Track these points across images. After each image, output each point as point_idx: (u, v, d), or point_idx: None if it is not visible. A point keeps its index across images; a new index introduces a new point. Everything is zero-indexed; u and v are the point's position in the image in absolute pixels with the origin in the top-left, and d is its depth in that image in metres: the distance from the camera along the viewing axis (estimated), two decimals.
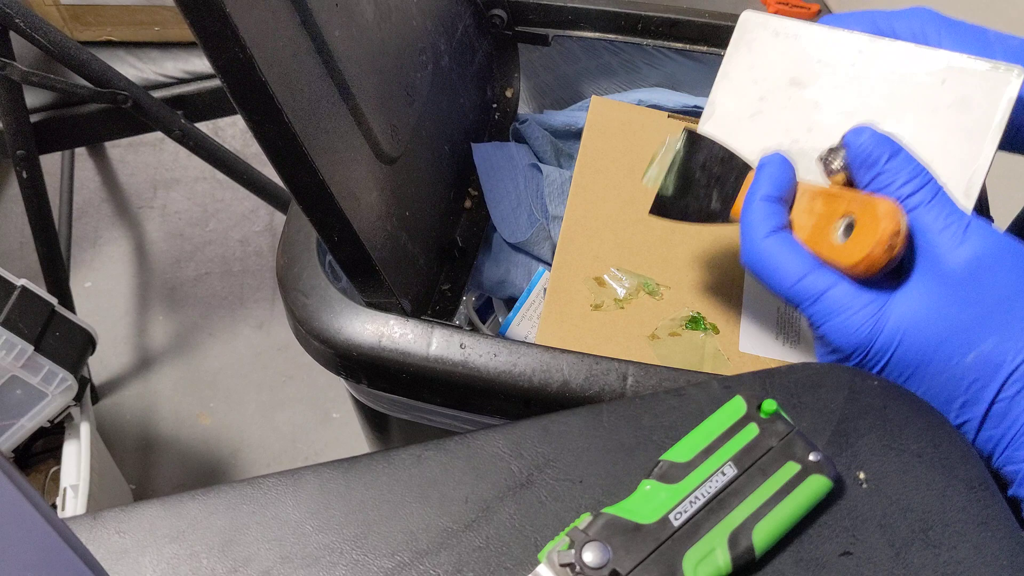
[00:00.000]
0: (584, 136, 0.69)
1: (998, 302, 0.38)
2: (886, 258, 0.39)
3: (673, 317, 0.60)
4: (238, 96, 0.41)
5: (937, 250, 0.39)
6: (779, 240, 0.43)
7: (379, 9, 0.55)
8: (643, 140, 0.70)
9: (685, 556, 0.32)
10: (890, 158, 0.41)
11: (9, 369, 0.81)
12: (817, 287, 0.42)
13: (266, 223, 1.47)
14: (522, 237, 0.67)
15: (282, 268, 0.56)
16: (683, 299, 0.60)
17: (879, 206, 0.40)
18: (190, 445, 1.24)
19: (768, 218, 0.44)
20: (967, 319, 0.39)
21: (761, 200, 0.44)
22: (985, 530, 0.35)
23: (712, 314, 0.60)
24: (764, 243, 0.43)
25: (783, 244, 0.43)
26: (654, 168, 0.52)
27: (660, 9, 0.72)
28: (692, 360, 0.58)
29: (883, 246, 0.39)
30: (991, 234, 0.39)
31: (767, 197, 0.44)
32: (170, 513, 0.35)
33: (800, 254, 0.43)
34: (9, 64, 0.84)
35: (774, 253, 0.43)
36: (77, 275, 1.37)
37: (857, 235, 0.40)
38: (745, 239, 0.44)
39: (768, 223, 0.44)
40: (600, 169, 0.67)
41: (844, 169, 0.44)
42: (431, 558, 0.34)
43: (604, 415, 0.38)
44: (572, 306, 0.59)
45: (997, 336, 0.38)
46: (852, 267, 0.40)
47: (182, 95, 0.98)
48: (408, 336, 0.52)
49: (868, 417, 0.38)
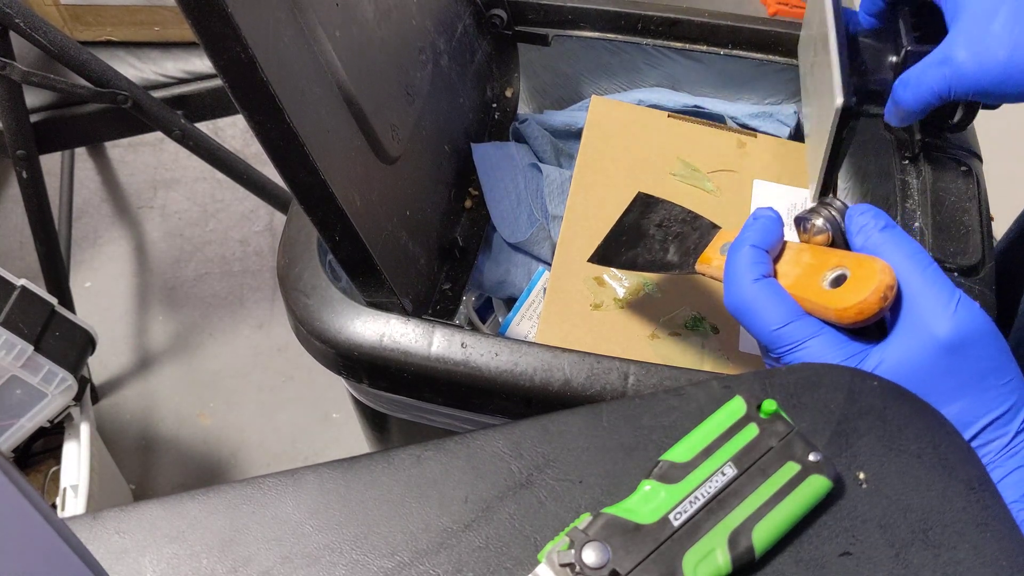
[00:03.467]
0: (584, 135, 0.69)
1: (973, 374, 0.41)
2: (878, 307, 0.41)
3: (673, 317, 0.60)
4: (240, 96, 0.41)
5: (925, 316, 0.41)
6: (766, 286, 0.45)
7: (379, 9, 0.55)
8: (643, 140, 0.70)
9: (685, 556, 0.32)
10: (885, 227, 0.44)
11: (9, 369, 0.81)
12: (800, 334, 0.43)
13: (266, 223, 1.47)
14: (522, 237, 0.67)
15: (283, 268, 0.56)
16: (682, 300, 0.60)
17: (875, 261, 0.42)
18: (190, 445, 1.24)
19: (756, 265, 0.45)
20: (942, 383, 0.41)
21: (751, 247, 0.46)
22: (985, 530, 0.35)
23: (711, 315, 0.60)
24: (751, 288, 0.45)
25: (769, 290, 0.45)
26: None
27: (660, 9, 0.72)
28: (692, 360, 0.58)
29: (879, 294, 0.41)
30: (978, 312, 0.41)
31: (756, 247, 0.46)
32: (170, 513, 0.35)
33: (786, 301, 0.44)
34: (9, 64, 0.84)
35: (760, 298, 0.44)
36: (77, 275, 1.37)
37: (851, 284, 0.42)
38: (731, 283, 0.46)
39: (756, 269, 0.45)
40: (601, 169, 0.67)
41: (826, 231, 0.46)
42: (431, 558, 0.34)
43: (604, 415, 0.38)
44: (572, 305, 0.59)
45: (967, 401, 0.41)
46: (843, 311, 0.42)
47: (182, 95, 0.98)
48: (409, 336, 0.52)
49: (868, 417, 0.38)
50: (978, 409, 0.41)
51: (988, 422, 0.41)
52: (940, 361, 0.41)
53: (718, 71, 0.75)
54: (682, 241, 0.54)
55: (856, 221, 0.45)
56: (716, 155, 0.70)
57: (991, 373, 0.41)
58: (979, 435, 0.41)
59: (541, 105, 0.83)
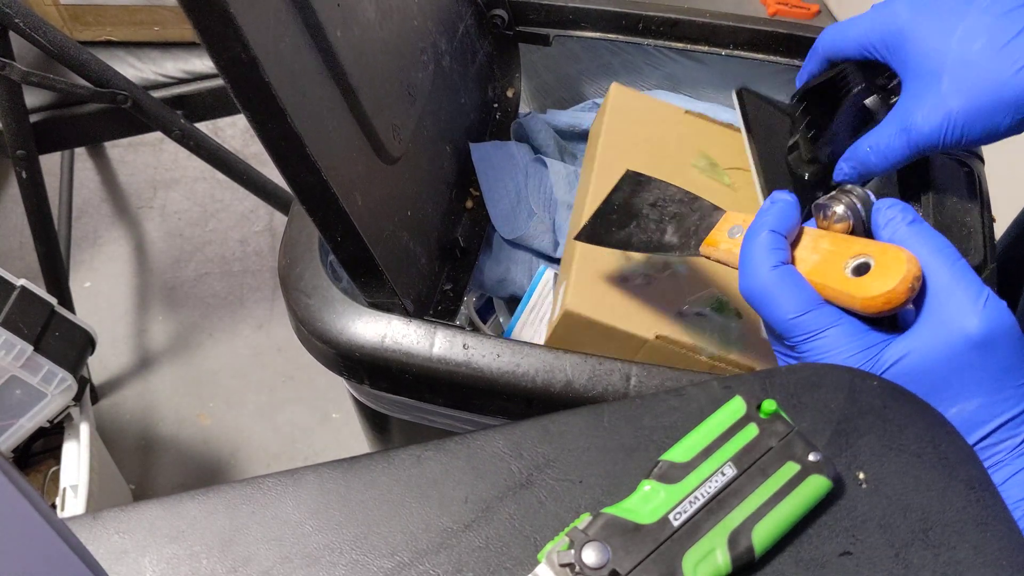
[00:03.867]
0: (607, 120, 0.68)
1: (994, 372, 0.40)
2: (905, 296, 0.40)
3: (699, 297, 0.59)
4: (241, 96, 0.41)
5: (953, 310, 0.41)
6: (784, 273, 0.44)
7: (380, 9, 0.55)
8: (663, 130, 0.70)
9: (685, 556, 0.32)
10: (913, 221, 0.44)
11: (9, 369, 0.81)
12: (818, 323, 0.43)
13: (266, 223, 1.47)
14: (521, 231, 0.67)
15: (284, 268, 0.56)
16: (707, 281, 0.60)
17: (900, 251, 0.41)
18: (190, 445, 1.24)
19: (774, 251, 0.45)
20: (964, 378, 0.41)
21: (769, 233, 0.45)
22: (985, 530, 0.35)
23: (734, 300, 0.60)
24: (770, 275, 0.44)
25: (788, 277, 0.44)
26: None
27: (660, 9, 0.72)
28: (720, 341, 0.57)
29: (907, 284, 0.40)
30: (1005, 310, 0.41)
31: (774, 232, 0.45)
32: (170, 513, 0.35)
33: (805, 289, 0.44)
34: (9, 64, 0.84)
35: (778, 285, 0.44)
36: (77, 275, 1.37)
37: (877, 273, 0.41)
38: (748, 269, 0.45)
39: (774, 256, 0.45)
40: (624, 151, 0.67)
41: (847, 219, 0.45)
42: (431, 558, 0.34)
43: (604, 415, 0.38)
44: (600, 276, 0.59)
45: (983, 399, 0.41)
46: (869, 300, 0.41)
47: (182, 95, 0.98)
48: (411, 336, 0.52)
49: (868, 417, 0.38)
50: (994, 408, 0.40)
51: (1002, 422, 0.40)
52: (966, 356, 0.40)
53: (719, 71, 0.75)
54: (680, 222, 0.53)
55: (884, 214, 0.45)
56: (730, 153, 0.70)
57: (1009, 373, 0.40)
58: (992, 434, 0.41)
59: (543, 105, 0.83)
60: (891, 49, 0.51)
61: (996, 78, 0.46)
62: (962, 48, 0.47)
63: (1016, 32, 0.46)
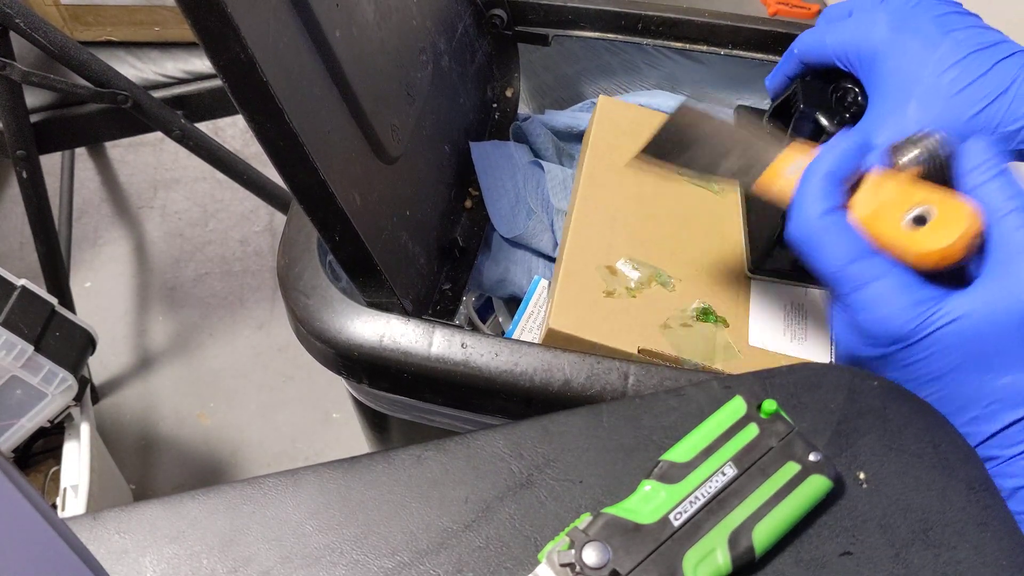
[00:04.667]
0: (593, 133, 0.69)
1: None
2: (962, 255, 0.39)
3: (684, 308, 0.59)
4: (240, 96, 0.41)
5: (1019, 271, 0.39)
6: (835, 220, 0.42)
7: (379, 9, 0.55)
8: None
9: (685, 556, 0.32)
10: (1003, 172, 0.41)
11: (9, 369, 0.81)
12: (867, 274, 0.41)
13: (266, 223, 1.47)
14: (520, 230, 0.67)
15: (283, 268, 0.56)
16: (693, 292, 0.60)
17: (964, 205, 0.39)
18: (190, 445, 1.24)
19: (828, 196, 0.42)
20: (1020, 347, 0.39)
21: (825, 176, 0.43)
22: (985, 530, 0.35)
23: (721, 308, 0.60)
24: (818, 221, 0.42)
25: (838, 224, 0.42)
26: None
27: (660, 9, 0.72)
28: (704, 351, 0.58)
29: (966, 240, 0.38)
30: None
31: (831, 175, 0.43)
32: (170, 513, 0.35)
33: (853, 237, 0.41)
34: (9, 64, 0.84)
35: (826, 232, 0.42)
36: (77, 275, 1.37)
37: (936, 226, 0.39)
38: (797, 213, 0.43)
39: (827, 201, 0.42)
40: (610, 164, 0.67)
41: (921, 163, 0.42)
42: (431, 558, 0.34)
43: (604, 415, 0.38)
44: (585, 292, 0.59)
45: None
46: (923, 255, 0.39)
47: (182, 95, 0.98)
48: (409, 336, 0.52)
49: (868, 417, 0.38)
50: None
51: None
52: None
53: (718, 71, 0.75)
54: (745, 149, 0.50)
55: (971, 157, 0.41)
56: None
57: None
58: None
59: (541, 105, 0.83)
60: (864, 64, 0.50)
61: (957, 116, 0.45)
62: (934, 78, 0.46)
63: (978, 75, 0.45)
